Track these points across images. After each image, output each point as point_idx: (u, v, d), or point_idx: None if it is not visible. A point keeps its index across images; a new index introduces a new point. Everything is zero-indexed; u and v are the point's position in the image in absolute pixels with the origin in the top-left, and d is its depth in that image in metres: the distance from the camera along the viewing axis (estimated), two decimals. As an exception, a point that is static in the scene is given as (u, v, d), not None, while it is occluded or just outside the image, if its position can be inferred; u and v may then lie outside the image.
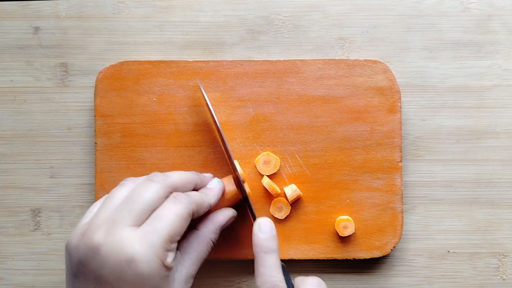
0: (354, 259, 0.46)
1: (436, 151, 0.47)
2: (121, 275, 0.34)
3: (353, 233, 0.45)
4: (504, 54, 0.47)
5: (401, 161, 0.46)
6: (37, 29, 0.48)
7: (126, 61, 0.46)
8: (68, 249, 0.36)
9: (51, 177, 0.48)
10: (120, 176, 0.46)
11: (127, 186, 0.39)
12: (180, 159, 0.46)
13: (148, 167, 0.46)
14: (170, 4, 0.48)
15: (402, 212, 0.46)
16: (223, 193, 0.42)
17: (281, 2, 0.48)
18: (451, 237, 0.47)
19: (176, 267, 0.38)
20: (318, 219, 0.46)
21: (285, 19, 0.48)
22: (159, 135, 0.46)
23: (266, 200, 0.46)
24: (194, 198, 0.38)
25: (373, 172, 0.46)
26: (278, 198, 0.46)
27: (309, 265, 0.47)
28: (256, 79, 0.46)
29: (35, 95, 0.48)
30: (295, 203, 0.46)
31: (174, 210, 0.36)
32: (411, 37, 0.48)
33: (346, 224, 0.45)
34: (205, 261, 0.42)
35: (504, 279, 0.47)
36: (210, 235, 0.41)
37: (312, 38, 0.48)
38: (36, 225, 0.48)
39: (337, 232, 0.45)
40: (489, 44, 0.48)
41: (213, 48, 0.48)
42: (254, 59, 0.47)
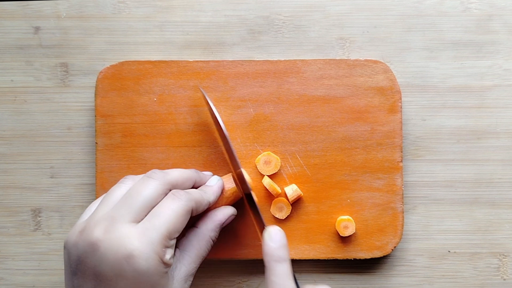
0: (355, 259, 0.46)
1: (437, 151, 0.47)
2: (120, 272, 0.34)
3: (354, 233, 0.45)
4: (505, 54, 0.47)
5: (402, 161, 0.46)
6: (37, 29, 0.48)
7: (127, 61, 0.46)
8: (67, 247, 0.36)
9: (52, 177, 0.48)
10: (121, 176, 0.45)
11: (126, 184, 0.39)
12: (181, 159, 0.46)
13: (149, 167, 0.46)
14: (171, 4, 0.48)
15: (403, 212, 0.46)
16: (223, 191, 0.42)
17: (282, 2, 0.48)
18: (452, 237, 0.47)
19: (176, 265, 0.38)
20: (319, 219, 0.46)
21: (286, 19, 0.48)
22: (160, 135, 0.46)
23: (267, 200, 0.46)
24: (193, 196, 0.38)
25: (374, 172, 0.46)
26: (279, 198, 0.46)
27: (310, 265, 0.47)
28: (257, 79, 0.46)
29: (36, 95, 0.48)
30: (296, 203, 0.46)
31: (173, 207, 0.36)
32: (412, 37, 0.48)
33: (347, 224, 0.45)
34: (205, 261, 0.42)
35: (505, 279, 0.47)
36: (210, 233, 0.41)
37: (313, 38, 0.48)
38: (37, 225, 0.48)
39: (338, 232, 0.45)
40: (490, 44, 0.48)
41: (214, 48, 0.48)
42: (255, 59, 0.47)
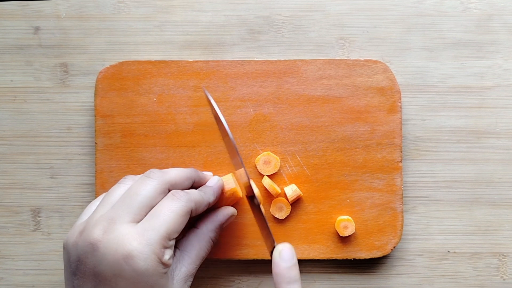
0: (354, 259, 0.46)
1: (437, 151, 0.47)
2: (119, 272, 0.34)
3: (353, 233, 0.45)
4: (505, 54, 0.47)
5: (401, 161, 0.46)
6: (37, 29, 0.48)
7: (126, 61, 0.46)
8: (67, 247, 0.36)
9: (51, 177, 0.48)
10: (120, 176, 0.45)
11: (126, 184, 0.39)
12: (181, 159, 0.46)
13: (149, 167, 0.46)
14: (171, 4, 0.48)
15: (402, 212, 0.46)
16: (223, 192, 0.42)
17: (282, 2, 0.48)
18: (452, 237, 0.47)
19: (176, 265, 0.38)
20: (318, 219, 0.46)
21: (286, 19, 0.48)
22: (160, 135, 0.46)
23: (267, 200, 0.46)
24: (193, 196, 0.38)
25: (373, 172, 0.46)
26: (279, 198, 0.46)
27: (309, 265, 0.47)
28: (256, 79, 0.46)
29: (35, 95, 0.48)
30: (295, 203, 0.46)
31: (172, 208, 0.36)
32: (412, 37, 0.48)
33: (346, 224, 0.45)
34: (205, 261, 0.42)
35: (505, 279, 0.47)
36: (210, 234, 0.41)
37: (313, 38, 0.48)
38: (36, 225, 0.48)
39: (337, 232, 0.45)
40: (490, 44, 0.47)
41: (214, 48, 0.48)
42: (255, 59, 0.47)
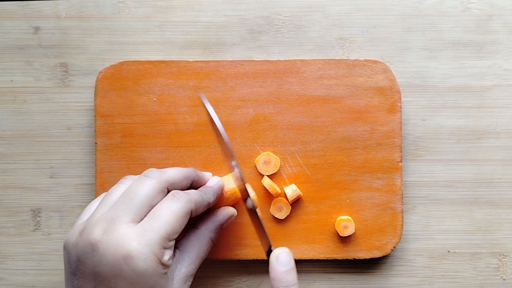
0: (354, 259, 0.46)
1: (437, 151, 0.47)
2: (119, 272, 0.34)
3: (353, 233, 0.45)
4: (505, 54, 0.47)
5: (401, 161, 0.46)
6: (37, 29, 0.48)
7: (126, 61, 0.46)
8: (67, 248, 0.36)
9: (51, 177, 0.48)
10: (121, 176, 0.45)
11: (126, 184, 0.39)
12: (181, 159, 0.46)
13: (148, 167, 0.45)
14: (171, 4, 0.48)
15: (402, 212, 0.46)
16: (223, 192, 0.42)
17: (282, 2, 0.48)
18: (452, 237, 0.47)
19: (175, 266, 0.38)
20: (318, 219, 0.46)
21: (286, 19, 0.48)
22: (159, 135, 0.46)
23: (267, 200, 0.46)
24: (193, 197, 0.38)
25: (373, 172, 0.46)
26: (278, 198, 0.46)
27: (309, 265, 0.47)
28: (256, 79, 0.46)
29: (35, 95, 0.48)
30: (295, 203, 0.46)
31: (172, 209, 0.36)
32: (412, 37, 0.48)
33: (346, 224, 0.45)
34: (205, 261, 0.42)
35: (505, 279, 0.47)
36: (210, 234, 0.41)
37: (313, 38, 0.48)
38: (36, 225, 0.48)
39: (337, 232, 0.45)
40: (490, 44, 0.47)
41: (213, 48, 0.48)
42: (254, 59, 0.47)
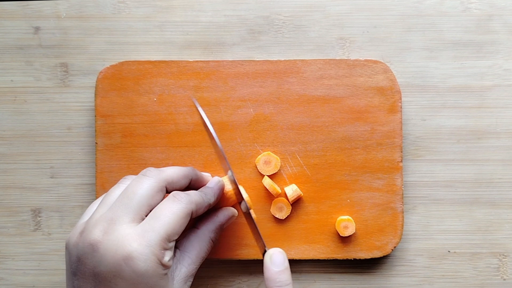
0: (355, 259, 0.46)
1: (437, 151, 0.47)
2: (119, 273, 0.34)
3: (354, 233, 0.45)
4: (505, 54, 0.47)
5: (402, 161, 0.46)
6: (37, 29, 0.48)
7: (127, 61, 0.46)
8: (68, 248, 0.36)
9: (51, 177, 0.48)
10: (121, 176, 0.45)
11: (125, 184, 0.39)
12: (181, 159, 0.46)
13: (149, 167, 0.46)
14: (171, 4, 0.48)
15: (403, 212, 0.46)
16: (224, 192, 0.42)
17: (282, 2, 0.48)
18: (452, 237, 0.47)
19: (176, 266, 0.38)
20: (319, 219, 0.46)
21: (286, 19, 0.48)
22: (160, 135, 0.46)
23: (267, 200, 0.46)
24: (194, 198, 0.38)
25: (374, 172, 0.46)
26: (279, 198, 0.46)
27: (310, 265, 0.47)
28: (257, 79, 0.46)
29: (35, 95, 0.48)
30: (296, 203, 0.46)
31: (173, 210, 0.36)
32: (412, 37, 0.48)
33: (347, 224, 0.45)
34: (206, 261, 0.42)
35: (505, 279, 0.47)
36: (210, 234, 0.41)
37: (313, 38, 0.48)
38: (37, 225, 0.48)
39: (338, 232, 0.45)
40: (490, 44, 0.47)
41: (214, 48, 0.48)
42: (255, 59, 0.47)
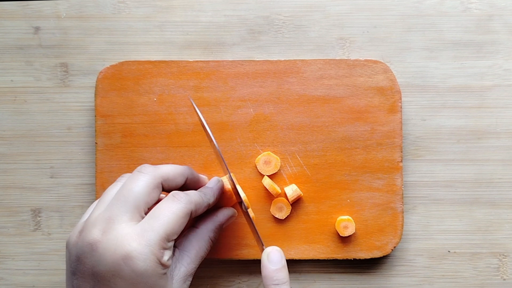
0: (355, 259, 0.46)
1: (437, 151, 0.47)
2: (118, 272, 0.34)
3: (354, 233, 0.45)
4: (505, 54, 0.47)
5: (402, 161, 0.46)
6: (37, 29, 0.48)
7: (127, 61, 0.46)
8: (68, 247, 0.36)
9: (51, 177, 0.48)
10: (121, 176, 0.46)
11: (122, 182, 0.39)
12: (181, 159, 0.46)
13: (149, 167, 0.46)
14: (171, 4, 0.48)
15: (403, 212, 0.46)
16: (223, 192, 0.42)
17: (282, 2, 0.48)
18: (452, 237, 0.47)
19: (175, 265, 0.38)
20: (319, 219, 0.46)
21: (286, 19, 0.48)
22: (160, 135, 0.46)
23: (267, 200, 0.46)
24: (193, 198, 0.38)
25: (374, 172, 0.46)
26: (279, 198, 0.46)
27: (310, 265, 0.47)
28: (257, 79, 0.46)
29: (35, 95, 0.48)
30: (296, 203, 0.46)
31: (173, 209, 0.36)
32: (412, 37, 0.48)
33: (347, 224, 0.45)
34: (205, 261, 0.42)
35: (505, 279, 0.47)
36: (210, 234, 0.41)
37: (313, 38, 0.48)
38: (36, 225, 0.48)
39: (338, 232, 0.45)
40: (490, 44, 0.47)
41: (214, 48, 0.48)
42: (255, 59, 0.47)
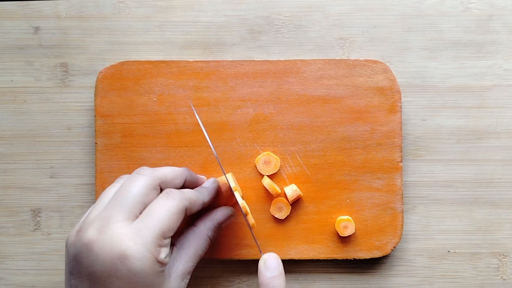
0: (354, 259, 0.46)
1: (437, 151, 0.47)
2: (114, 272, 0.34)
3: (353, 233, 0.45)
4: (505, 54, 0.47)
5: (402, 161, 0.46)
6: (37, 29, 0.48)
7: (126, 61, 0.46)
8: (67, 247, 0.36)
9: (51, 177, 0.48)
10: (120, 176, 0.46)
11: (120, 183, 0.39)
12: (180, 159, 0.46)
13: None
14: (171, 4, 0.48)
15: (403, 212, 0.46)
16: (223, 191, 0.42)
17: (282, 2, 0.48)
18: (452, 237, 0.47)
19: (173, 263, 0.38)
20: (318, 219, 0.46)
21: (286, 19, 0.48)
22: (159, 135, 0.46)
23: (267, 200, 0.46)
24: (187, 195, 0.38)
25: (374, 172, 0.46)
26: (279, 198, 0.46)
27: (309, 265, 0.47)
28: (257, 79, 0.46)
29: (35, 95, 0.48)
30: (295, 203, 0.46)
31: (167, 206, 0.36)
32: (412, 37, 0.48)
33: (346, 224, 0.45)
34: (205, 261, 0.43)
35: (505, 279, 0.47)
36: (208, 232, 0.41)
37: (313, 38, 0.48)
38: (36, 225, 0.48)
39: (337, 232, 0.45)
40: (490, 44, 0.47)
41: (214, 48, 0.48)
42: (255, 59, 0.47)
